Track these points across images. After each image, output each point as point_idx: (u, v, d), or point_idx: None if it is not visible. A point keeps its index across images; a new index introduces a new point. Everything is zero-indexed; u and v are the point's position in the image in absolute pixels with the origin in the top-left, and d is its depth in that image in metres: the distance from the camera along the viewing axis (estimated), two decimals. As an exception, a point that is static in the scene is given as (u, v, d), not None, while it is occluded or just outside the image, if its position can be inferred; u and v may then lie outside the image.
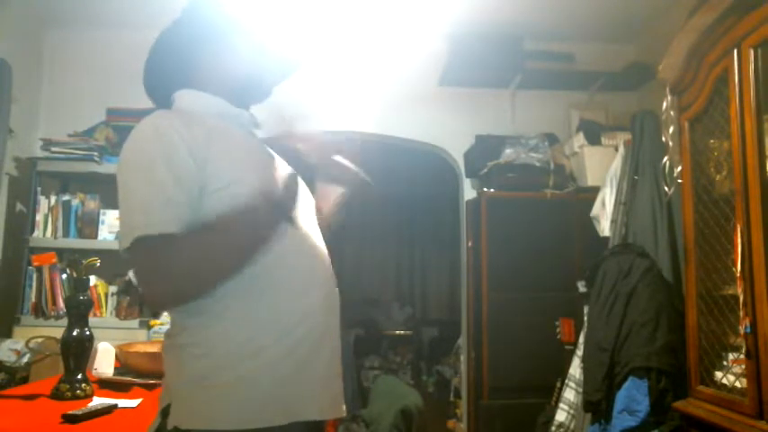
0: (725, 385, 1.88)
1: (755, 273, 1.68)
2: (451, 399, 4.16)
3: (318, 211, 1.24)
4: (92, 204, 3.07)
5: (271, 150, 1.21)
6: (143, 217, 0.95)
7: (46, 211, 3.04)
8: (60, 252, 3.03)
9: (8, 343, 2.56)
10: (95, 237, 3.02)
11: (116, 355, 2.11)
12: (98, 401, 1.64)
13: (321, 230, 1.20)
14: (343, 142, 1.17)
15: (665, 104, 2.20)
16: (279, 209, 1.02)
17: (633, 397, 2.17)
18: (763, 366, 1.65)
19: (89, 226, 3.04)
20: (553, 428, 2.62)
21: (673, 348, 2.20)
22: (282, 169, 1.16)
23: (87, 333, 1.80)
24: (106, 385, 1.92)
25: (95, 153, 3.06)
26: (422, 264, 7.24)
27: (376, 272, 7.00)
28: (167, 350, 1.06)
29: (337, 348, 1.13)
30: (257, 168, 1.08)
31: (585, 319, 2.60)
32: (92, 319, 1.91)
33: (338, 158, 1.18)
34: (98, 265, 1.85)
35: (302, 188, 1.16)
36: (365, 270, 6.44)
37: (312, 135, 1.15)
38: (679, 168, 2.15)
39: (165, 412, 1.01)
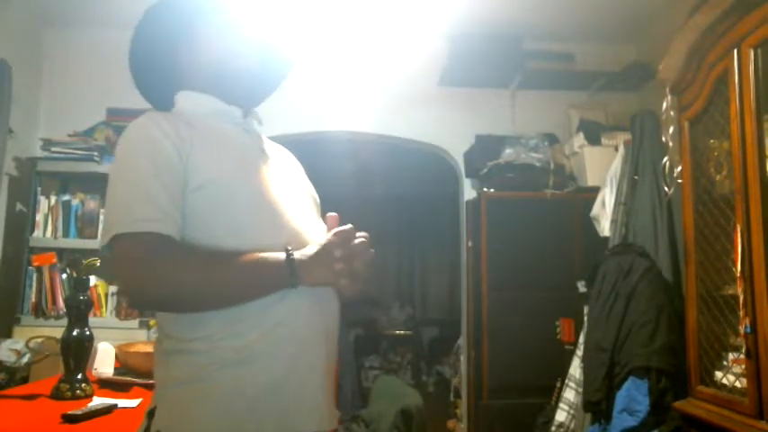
0: (725, 385, 1.88)
1: (755, 273, 1.68)
2: (451, 399, 4.16)
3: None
4: (92, 204, 3.07)
5: (267, 151, 1.16)
6: (123, 215, 0.96)
7: (46, 211, 3.04)
8: (60, 252, 3.03)
9: (8, 343, 2.56)
10: (95, 237, 3.01)
11: (116, 355, 2.12)
12: (98, 401, 1.64)
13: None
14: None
15: (665, 104, 2.20)
16: (292, 277, 0.98)
17: (633, 397, 2.17)
18: (763, 366, 1.65)
19: (89, 226, 3.05)
20: (553, 428, 2.62)
21: (673, 348, 2.19)
22: (276, 178, 1.11)
23: (87, 333, 1.80)
24: (106, 385, 1.92)
25: (95, 153, 3.07)
26: (422, 264, 7.25)
27: (376, 272, 6.98)
28: (156, 355, 1.06)
29: (332, 358, 1.09)
30: (239, 169, 1.05)
31: (585, 319, 2.59)
32: (92, 319, 1.91)
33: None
34: (98, 265, 1.85)
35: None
36: (365, 270, 6.41)
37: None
38: (679, 168, 2.15)
39: (150, 414, 1.00)
